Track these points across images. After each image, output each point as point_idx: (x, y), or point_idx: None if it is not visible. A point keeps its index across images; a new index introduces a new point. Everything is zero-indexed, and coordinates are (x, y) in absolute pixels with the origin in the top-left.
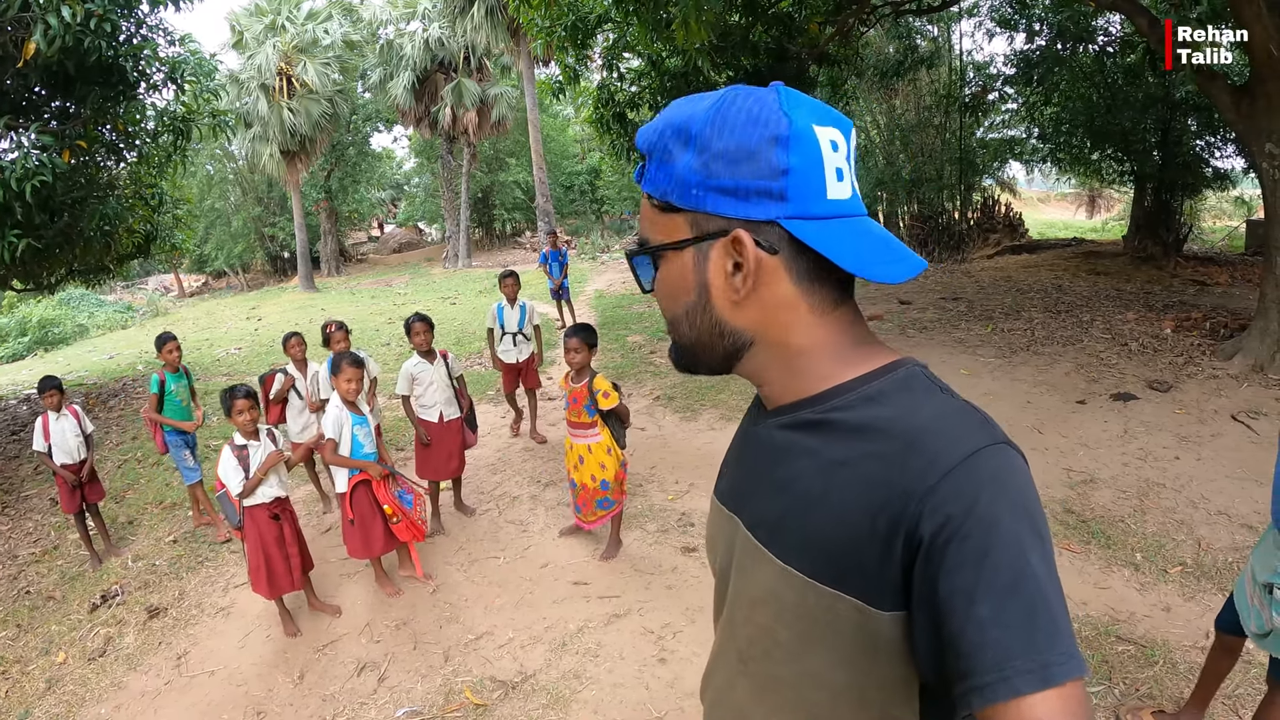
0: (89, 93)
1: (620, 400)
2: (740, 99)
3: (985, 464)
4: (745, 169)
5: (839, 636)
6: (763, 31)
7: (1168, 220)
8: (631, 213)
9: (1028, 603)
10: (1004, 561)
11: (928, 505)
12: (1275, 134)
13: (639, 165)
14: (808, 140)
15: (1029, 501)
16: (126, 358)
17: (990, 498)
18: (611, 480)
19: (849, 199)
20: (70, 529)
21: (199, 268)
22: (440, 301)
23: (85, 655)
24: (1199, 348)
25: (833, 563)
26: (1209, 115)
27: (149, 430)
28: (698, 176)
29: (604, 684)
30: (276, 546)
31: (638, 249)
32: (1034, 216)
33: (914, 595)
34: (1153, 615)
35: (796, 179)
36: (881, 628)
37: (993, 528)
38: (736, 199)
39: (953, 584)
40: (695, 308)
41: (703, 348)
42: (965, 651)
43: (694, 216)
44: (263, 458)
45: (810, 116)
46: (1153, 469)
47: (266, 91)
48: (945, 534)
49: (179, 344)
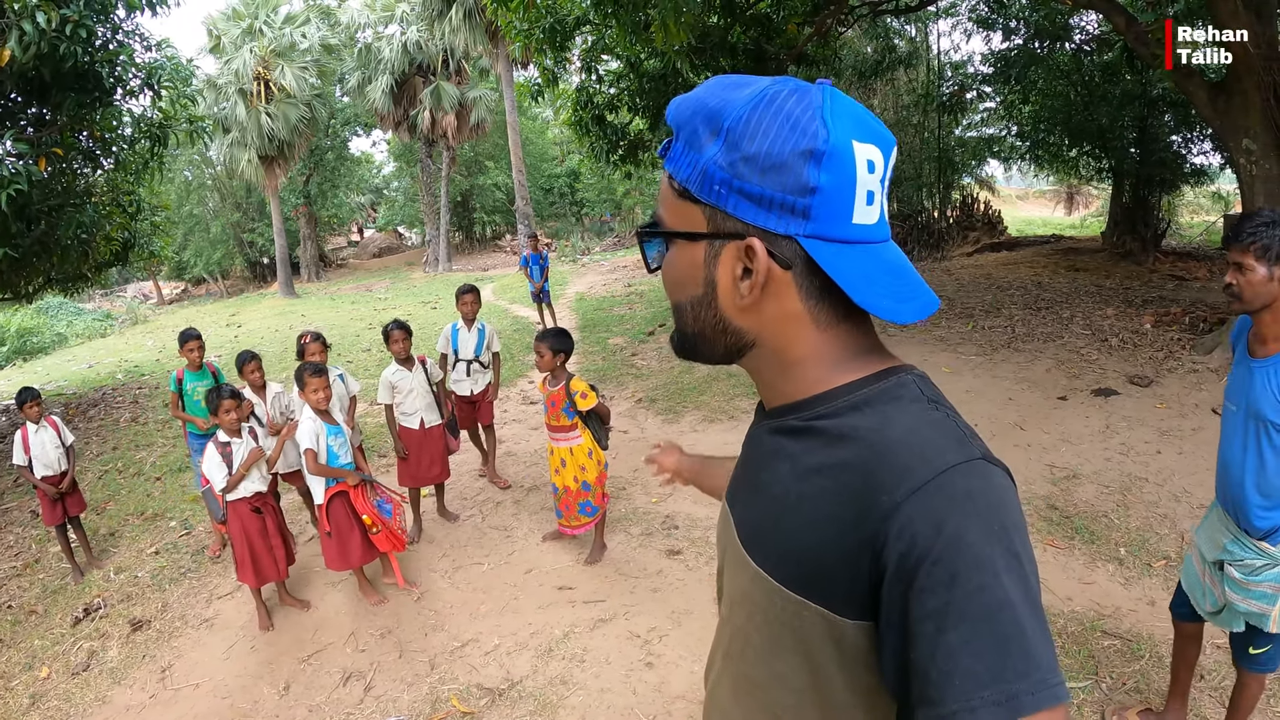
0: (65, 99)
1: (599, 400)
2: (782, 98)
3: (957, 482)
4: (772, 179)
5: (805, 643)
6: (741, 33)
7: (1146, 216)
8: (611, 214)
9: (998, 630)
10: (974, 586)
11: (894, 525)
12: (1252, 130)
13: (666, 141)
14: (843, 158)
15: (1005, 521)
16: (106, 367)
17: (960, 518)
18: (593, 483)
19: (874, 224)
20: (51, 542)
21: (178, 274)
22: (421, 306)
23: (69, 670)
24: (1179, 342)
25: (801, 570)
26: (1185, 112)
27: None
28: (723, 174)
29: (591, 689)
30: (260, 538)
31: (650, 229)
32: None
33: (882, 615)
34: (1138, 609)
35: (823, 199)
36: (848, 636)
37: (962, 550)
38: (758, 206)
39: (922, 608)
40: (700, 302)
41: (704, 341)
42: (933, 679)
43: (712, 212)
44: (244, 454)
45: (852, 131)
46: (1135, 463)
47: (244, 96)
48: (914, 556)
49: (202, 342)
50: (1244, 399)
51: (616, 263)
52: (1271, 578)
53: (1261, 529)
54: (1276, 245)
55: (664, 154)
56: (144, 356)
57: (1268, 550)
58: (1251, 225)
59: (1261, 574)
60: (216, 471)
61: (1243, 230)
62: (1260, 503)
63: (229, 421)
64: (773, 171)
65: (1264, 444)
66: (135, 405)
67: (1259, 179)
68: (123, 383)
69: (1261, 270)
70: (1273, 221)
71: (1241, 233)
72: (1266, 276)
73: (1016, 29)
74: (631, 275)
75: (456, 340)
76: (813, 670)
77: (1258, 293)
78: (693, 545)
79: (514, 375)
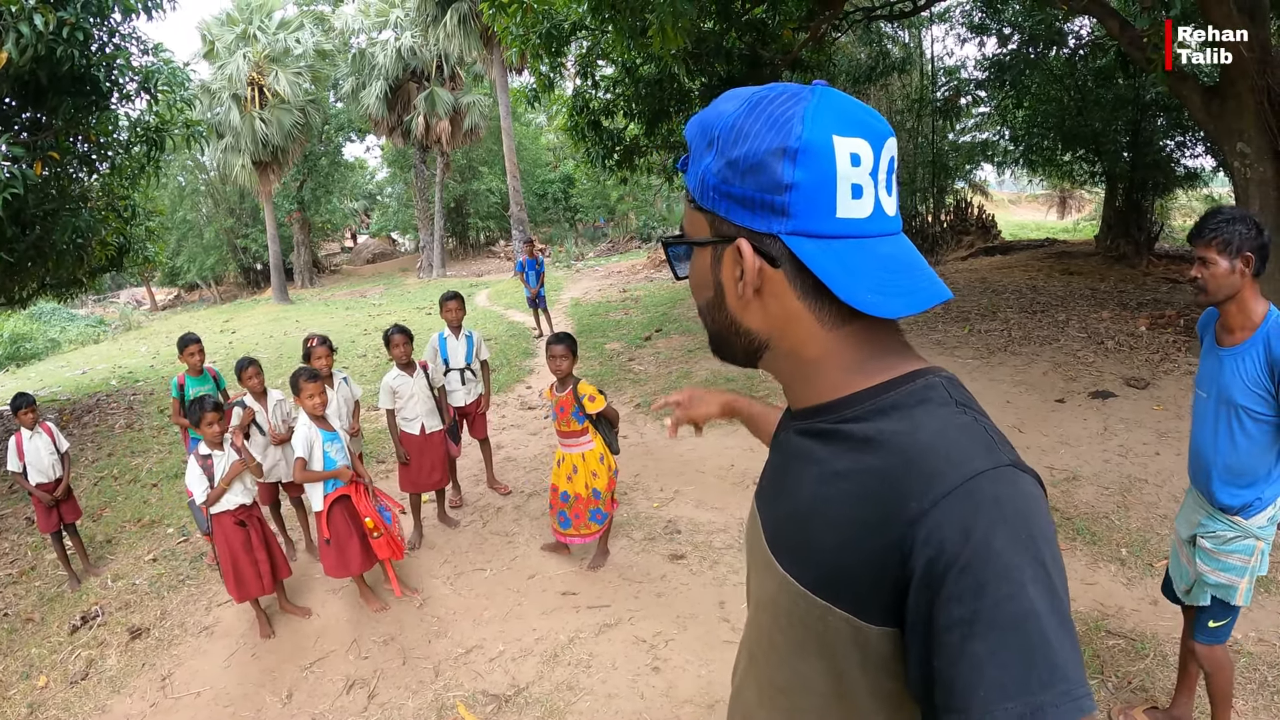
0: (61, 103)
1: (607, 403)
2: (766, 102)
3: (985, 489)
4: (751, 180)
5: (830, 647)
6: (736, 38)
7: (1139, 219)
8: (605, 220)
9: (1024, 641)
10: (1001, 596)
11: (921, 531)
12: (1246, 134)
13: (683, 157)
14: (818, 153)
15: (1034, 529)
16: (100, 373)
17: (988, 525)
18: (604, 490)
19: (867, 218)
20: (47, 549)
21: (171, 280)
22: (416, 312)
23: (67, 678)
24: (1174, 344)
25: (826, 574)
26: (1178, 115)
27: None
28: (714, 180)
29: (598, 694)
30: (244, 552)
31: (672, 238)
32: (1006, 218)
33: (908, 622)
34: (1141, 609)
35: (800, 195)
36: (872, 642)
37: (990, 559)
38: (743, 208)
39: (948, 617)
40: (714, 304)
41: (724, 342)
42: (957, 688)
43: (712, 218)
44: (226, 467)
45: (833, 126)
46: (1134, 465)
47: (238, 101)
48: (941, 564)
49: (201, 346)
50: (1214, 386)
51: (611, 268)
52: (1241, 549)
53: (1234, 506)
54: (1237, 240)
55: (681, 169)
56: (138, 363)
57: (1240, 523)
58: (1214, 222)
59: (1232, 544)
60: (198, 484)
61: (1205, 226)
62: (1230, 481)
63: (212, 434)
64: (751, 173)
65: (1234, 427)
66: (130, 411)
67: (1253, 182)
68: (117, 389)
69: (1224, 263)
70: (1233, 218)
71: (1204, 229)
72: (1229, 269)
73: (1010, 34)
74: (627, 280)
75: (445, 349)
76: (836, 675)
77: (1221, 285)
78: (695, 550)
79: (511, 380)
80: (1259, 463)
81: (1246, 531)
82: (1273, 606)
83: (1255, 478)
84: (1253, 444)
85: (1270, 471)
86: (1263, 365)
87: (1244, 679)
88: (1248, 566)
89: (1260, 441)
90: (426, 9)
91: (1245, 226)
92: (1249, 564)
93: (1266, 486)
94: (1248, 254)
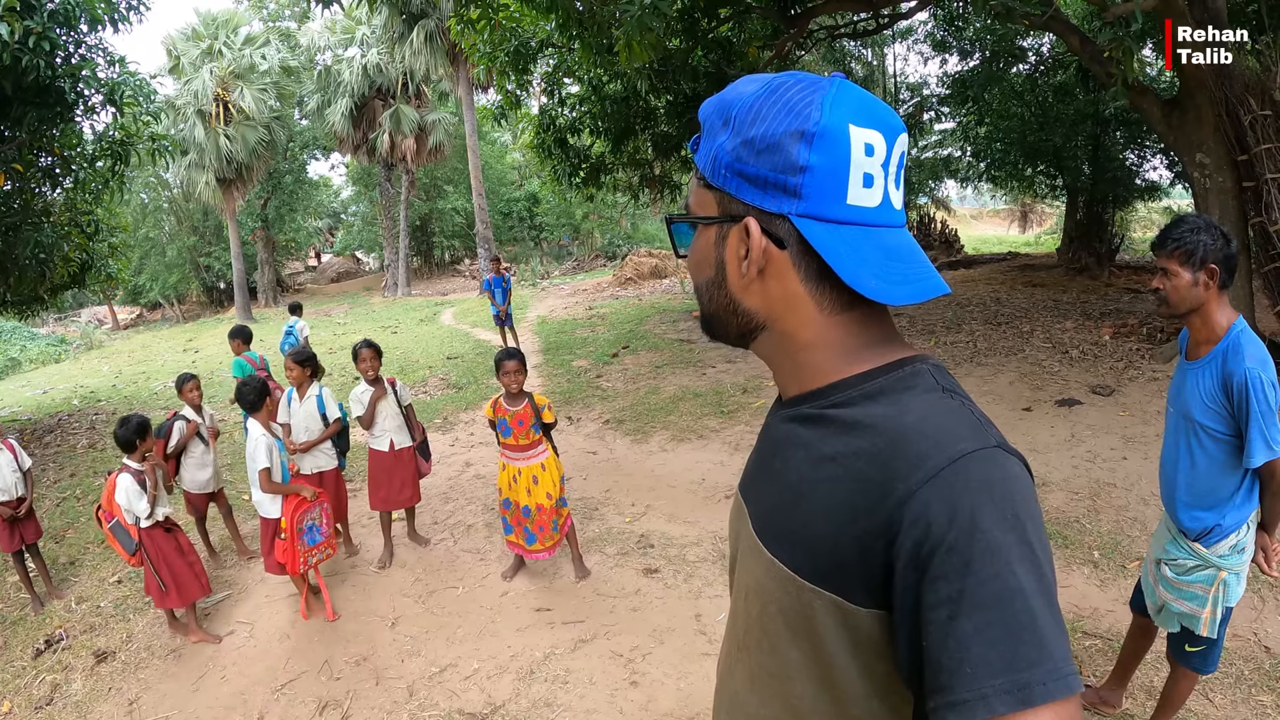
0: (26, 114)
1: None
2: (786, 88)
3: (972, 469)
4: (766, 159)
5: (820, 631)
6: (702, 56)
7: (1100, 232)
8: (570, 238)
9: (1011, 618)
10: (988, 574)
11: (909, 512)
12: (1205, 144)
13: (695, 136)
14: (835, 139)
15: (1020, 509)
16: (61, 392)
17: (975, 505)
18: (559, 494)
19: (876, 207)
20: (9, 571)
21: (133, 299)
22: (382, 331)
23: (31, 704)
24: (1137, 352)
25: (815, 558)
26: (1137, 129)
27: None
28: (728, 158)
29: (576, 711)
30: (178, 556)
31: (678, 215)
32: (968, 233)
33: (896, 603)
34: (1115, 609)
35: (814, 178)
36: (862, 625)
37: (976, 538)
38: (754, 187)
39: (935, 596)
40: (713, 283)
41: (718, 321)
42: (945, 667)
43: (721, 196)
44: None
45: (850, 115)
46: (1102, 470)
47: (203, 118)
48: (929, 544)
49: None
50: (1179, 402)
51: (577, 286)
52: (1202, 579)
53: (1194, 530)
54: (1201, 250)
55: (693, 148)
56: (100, 382)
57: (1200, 551)
58: (1177, 231)
59: (1193, 574)
60: (138, 499)
61: (1168, 237)
62: (1191, 503)
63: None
64: (767, 152)
65: (1194, 445)
66: (92, 431)
67: (1212, 191)
68: (79, 408)
69: (1186, 275)
70: (1197, 228)
71: (1166, 239)
72: (1191, 281)
73: (971, 51)
74: (592, 298)
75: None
76: (827, 659)
77: (1184, 297)
78: (670, 564)
79: (478, 398)
80: (1219, 484)
81: (1207, 561)
82: (1246, 601)
83: (1217, 500)
84: (1212, 463)
85: (1233, 495)
86: (1218, 380)
87: (1220, 673)
88: (1208, 596)
89: (1219, 460)
90: (393, 26)
91: (1210, 237)
92: (1209, 594)
93: (1229, 511)
94: (1212, 266)
